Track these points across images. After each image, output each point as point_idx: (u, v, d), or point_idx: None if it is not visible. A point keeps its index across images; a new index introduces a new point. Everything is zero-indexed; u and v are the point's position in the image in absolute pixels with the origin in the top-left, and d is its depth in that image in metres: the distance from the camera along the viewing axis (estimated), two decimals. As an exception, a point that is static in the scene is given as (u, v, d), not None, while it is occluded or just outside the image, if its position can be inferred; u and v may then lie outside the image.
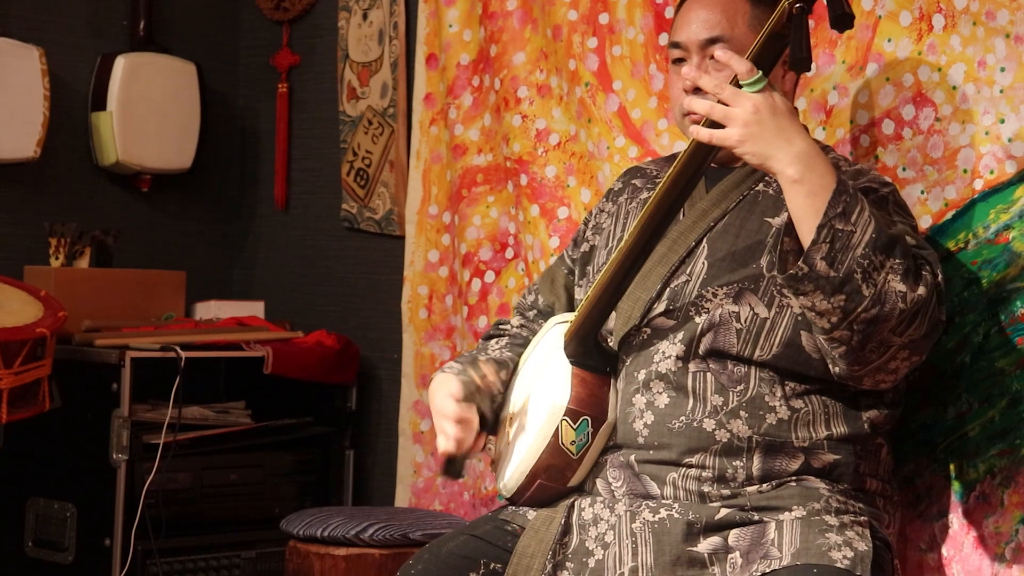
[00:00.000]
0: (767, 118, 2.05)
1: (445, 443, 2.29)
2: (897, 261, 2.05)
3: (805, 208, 2.05)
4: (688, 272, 2.27)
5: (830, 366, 2.15)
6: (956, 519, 2.40)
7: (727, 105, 2.06)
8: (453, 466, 2.31)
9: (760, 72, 2.07)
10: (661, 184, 2.17)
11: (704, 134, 2.09)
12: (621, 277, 2.22)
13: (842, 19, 2.03)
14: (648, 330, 2.27)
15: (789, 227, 2.08)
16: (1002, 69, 2.37)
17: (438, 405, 2.32)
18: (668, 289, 2.27)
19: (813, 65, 2.18)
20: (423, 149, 3.43)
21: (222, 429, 3.45)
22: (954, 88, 2.44)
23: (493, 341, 2.52)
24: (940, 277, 2.13)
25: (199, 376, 3.50)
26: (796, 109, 2.10)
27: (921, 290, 2.06)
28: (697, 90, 2.27)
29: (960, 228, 2.42)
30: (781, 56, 2.08)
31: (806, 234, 2.05)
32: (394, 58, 3.60)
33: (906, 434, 2.45)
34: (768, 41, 2.07)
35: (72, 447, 3.33)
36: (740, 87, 2.07)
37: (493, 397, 2.38)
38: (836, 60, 2.61)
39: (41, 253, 3.54)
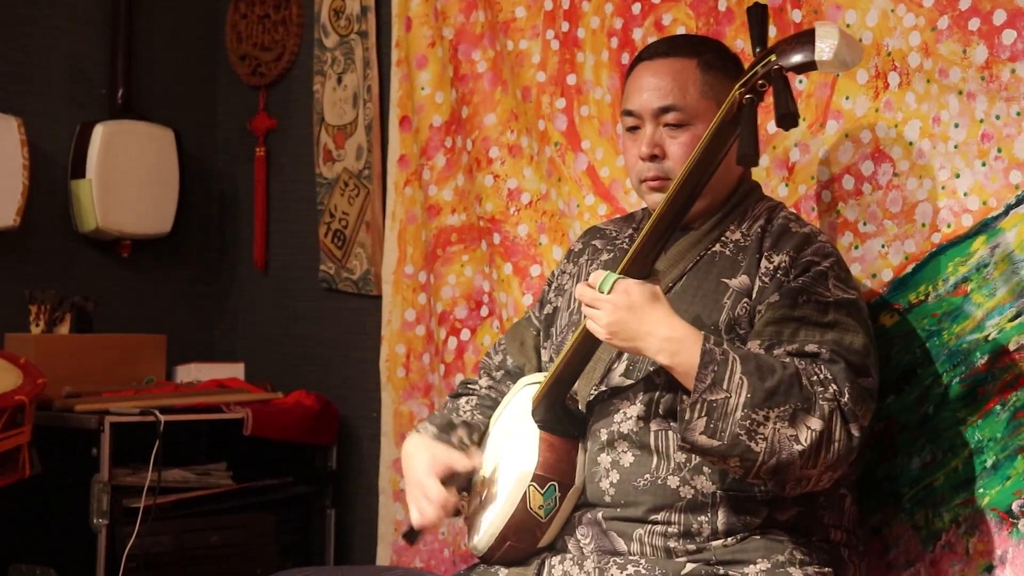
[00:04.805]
0: (625, 315, 2.13)
1: (420, 519, 2.33)
2: (780, 409, 2.08)
3: (685, 385, 2.13)
4: (648, 333, 2.30)
5: None
6: (923, 569, 2.43)
7: (594, 308, 2.15)
8: (416, 535, 2.37)
9: (605, 274, 2.15)
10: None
11: (590, 327, 2.17)
12: (587, 347, 2.25)
13: (786, 118, 2.04)
14: (608, 390, 2.30)
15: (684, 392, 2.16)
16: (956, 125, 2.42)
17: (419, 479, 2.34)
18: (627, 350, 2.31)
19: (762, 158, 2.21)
20: (398, 210, 3.48)
21: (203, 491, 3.47)
22: (910, 144, 2.48)
23: (463, 400, 2.54)
24: (846, 397, 2.12)
25: (181, 439, 3.52)
26: (658, 292, 2.15)
27: (815, 424, 2.08)
28: (654, 157, 2.33)
29: (920, 281, 2.46)
30: (731, 145, 2.11)
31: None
32: (368, 121, 3.64)
33: (873, 484, 2.48)
34: (719, 130, 2.10)
35: (53, 512, 3.34)
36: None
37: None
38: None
39: (22, 320, 3.57)
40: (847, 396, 2.12)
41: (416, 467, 2.36)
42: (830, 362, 2.15)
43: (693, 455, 2.19)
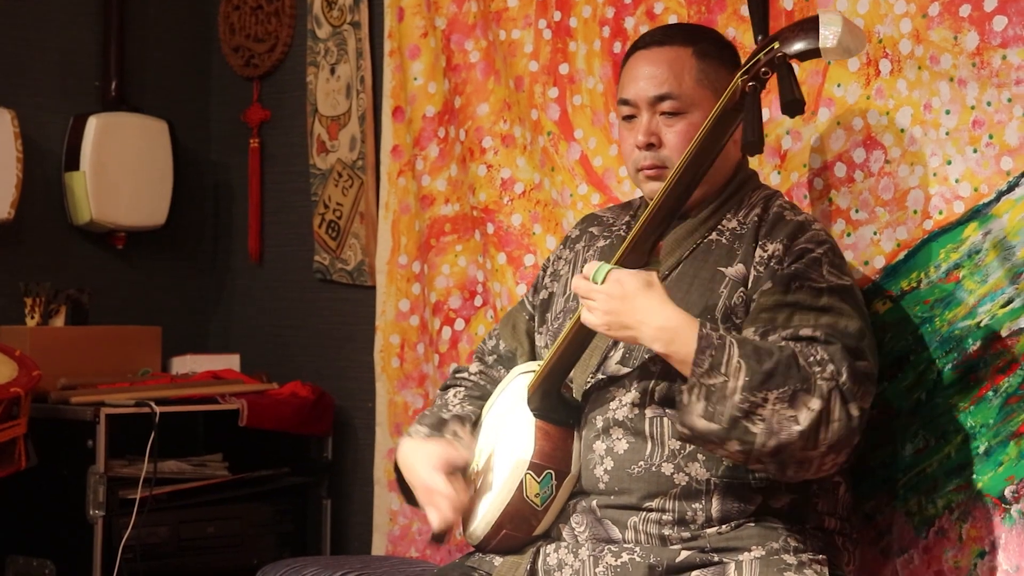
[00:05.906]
0: (618, 305, 2.14)
1: (440, 521, 2.30)
2: (779, 391, 2.07)
3: (682, 372, 2.14)
4: (644, 321, 2.31)
5: None
6: (917, 555, 2.44)
7: (590, 300, 2.17)
8: (443, 536, 2.34)
9: (599, 264, 2.17)
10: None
11: (585, 319, 2.19)
12: (583, 336, 2.26)
13: (792, 105, 2.03)
14: (605, 378, 2.31)
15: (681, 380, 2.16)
16: (947, 112, 2.42)
17: (424, 478, 2.33)
18: (624, 337, 2.32)
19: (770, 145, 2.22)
20: (392, 200, 3.48)
21: (199, 482, 3.47)
22: (902, 131, 2.49)
23: (451, 393, 2.53)
24: (844, 376, 2.12)
25: (177, 430, 3.52)
26: (652, 280, 2.15)
27: (814, 403, 2.08)
28: (650, 146, 2.33)
29: (912, 268, 2.47)
30: (732, 133, 2.11)
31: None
32: (362, 111, 3.65)
33: (867, 471, 2.48)
34: (720, 118, 2.10)
35: (49, 504, 3.35)
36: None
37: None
38: (789, 106, 2.65)
39: (17, 313, 3.58)
40: (845, 376, 2.12)
41: (418, 470, 2.35)
42: (826, 343, 2.15)
43: (687, 444, 2.20)
